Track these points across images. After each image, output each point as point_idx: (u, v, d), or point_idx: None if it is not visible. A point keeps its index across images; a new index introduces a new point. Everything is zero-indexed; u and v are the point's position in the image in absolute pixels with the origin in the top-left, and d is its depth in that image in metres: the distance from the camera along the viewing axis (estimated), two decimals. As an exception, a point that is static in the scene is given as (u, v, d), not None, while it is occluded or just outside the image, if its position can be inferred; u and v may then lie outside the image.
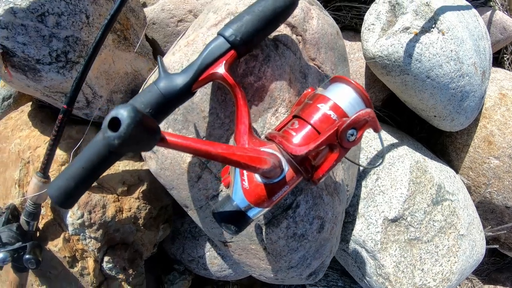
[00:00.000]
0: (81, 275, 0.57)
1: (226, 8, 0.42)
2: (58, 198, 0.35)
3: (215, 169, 0.42)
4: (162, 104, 0.33)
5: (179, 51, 0.43)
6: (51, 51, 0.48)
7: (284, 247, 0.44)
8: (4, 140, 0.66)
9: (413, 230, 0.61)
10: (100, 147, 0.33)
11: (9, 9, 0.45)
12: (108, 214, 0.54)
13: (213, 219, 0.46)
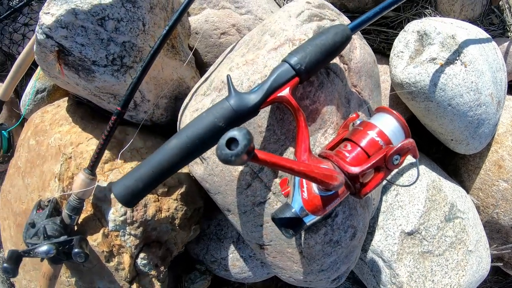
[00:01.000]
0: (116, 269, 0.63)
1: (284, 34, 0.49)
2: (124, 197, 0.41)
3: (266, 179, 0.49)
4: (233, 119, 0.40)
5: (238, 69, 0.50)
6: (108, 54, 0.54)
7: (319, 252, 0.52)
8: (42, 133, 0.71)
9: (426, 243, 0.70)
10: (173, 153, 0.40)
11: (71, 10, 0.51)
12: (149, 213, 0.61)
13: (255, 223, 0.54)
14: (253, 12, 0.72)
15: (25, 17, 0.85)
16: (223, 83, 0.51)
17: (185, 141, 0.39)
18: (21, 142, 0.77)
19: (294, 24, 0.50)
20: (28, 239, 0.56)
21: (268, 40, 0.50)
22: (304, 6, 0.53)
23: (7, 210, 0.79)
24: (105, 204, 0.60)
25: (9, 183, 0.78)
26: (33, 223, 0.55)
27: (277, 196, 0.50)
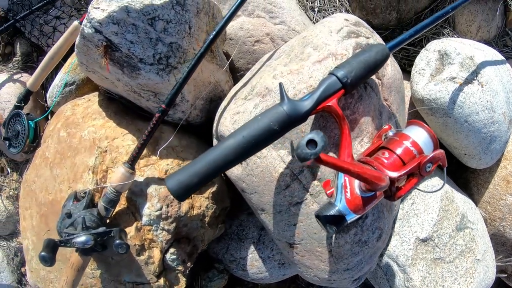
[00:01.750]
0: (146, 263, 0.67)
1: (327, 48, 0.56)
2: (178, 191, 0.46)
3: (304, 181, 0.55)
4: (286, 123, 0.47)
5: (282, 77, 0.57)
6: (155, 53, 0.59)
7: (347, 251, 0.58)
8: (74, 126, 0.76)
9: (438, 250, 0.77)
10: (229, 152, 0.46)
11: (124, 7, 0.55)
12: (182, 209, 0.66)
13: (288, 222, 0.59)
14: (286, 23, 0.79)
15: (58, 10, 0.90)
16: (267, 89, 0.57)
17: (241, 141, 0.45)
18: (49, 133, 0.81)
19: (336, 40, 0.57)
20: (64, 229, 0.60)
21: (311, 52, 0.57)
22: (343, 23, 0.61)
23: (30, 200, 0.83)
24: (141, 198, 0.65)
25: (34, 173, 0.81)
26: (70, 214, 0.59)
27: (314, 197, 0.56)
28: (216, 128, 0.65)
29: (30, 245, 0.85)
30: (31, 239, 0.84)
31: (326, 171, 0.55)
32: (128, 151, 0.66)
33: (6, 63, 1.01)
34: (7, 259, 1.09)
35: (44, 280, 0.84)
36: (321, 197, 0.56)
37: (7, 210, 1.05)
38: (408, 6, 0.89)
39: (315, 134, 0.34)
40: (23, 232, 0.87)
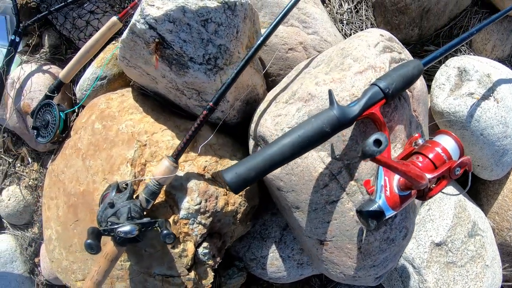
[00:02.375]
0: (180, 256, 0.72)
1: (366, 61, 0.64)
2: (235, 183, 0.52)
3: (342, 180, 0.63)
4: (336, 126, 0.54)
5: (325, 85, 0.64)
6: (205, 53, 0.65)
7: (375, 248, 0.66)
8: (110, 119, 0.81)
9: (451, 255, 0.85)
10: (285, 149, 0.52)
11: (181, 7, 0.62)
12: (219, 205, 0.72)
13: (322, 220, 0.66)
14: (319, 33, 0.87)
15: (92, 4, 0.96)
16: (310, 95, 0.64)
17: (297, 139, 0.52)
18: (81, 124, 0.86)
19: (374, 54, 0.65)
20: (106, 219, 0.63)
21: (352, 64, 0.65)
22: (379, 38, 0.69)
23: (57, 190, 0.86)
24: (180, 192, 0.70)
25: (64, 164, 0.85)
26: (113, 204, 0.63)
27: (350, 196, 0.63)
28: (255, 129, 0.72)
29: (54, 235, 0.88)
30: (55, 229, 0.87)
31: (363, 172, 0.62)
32: (168, 146, 0.72)
33: (33, 54, 1.05)
34: (21, 249, 1.12)
35: (66, 271, 0.88)
36: (356, 196, 0.63)
37: (25, 200, 1.08)
38: (430, 24, 0.99)
39: (380, 135, 0.41)
40: (46, 222, 0.91)
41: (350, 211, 0.64)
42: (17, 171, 1.08)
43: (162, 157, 0.71)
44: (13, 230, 1.12)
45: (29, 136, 1.04)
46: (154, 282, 0.75)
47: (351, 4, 0.98)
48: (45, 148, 1.05)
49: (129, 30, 0.65)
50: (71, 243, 0.83)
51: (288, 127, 0.64)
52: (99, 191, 0.74)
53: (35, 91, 0.97)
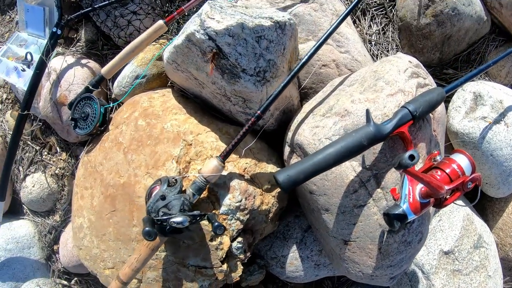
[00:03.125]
0: (216, 249, 0.87)
1: (397, 85, 0.81)
2: (286, 184, 0.68)
3: (370, 188, 0.79)
4: (372, 141, 0.70)
5: (360, 103, 0.80)
6: (256, 66, 0.81)
7: (394, 249, 0.82)
8: (155, 117, 0.95)
9: (457, 263, 1.03)
10: (330, 157, 0.69)
11: (240, 24, 0.77)
12: (256, 203, 0.87)
13: (349, 222, 0.83)
14: (350, 52, 1.04)
15: (136, 5, 1.11)
16: (346, 111, 0.81)
17: (340, 150, 0.68)
18: (123, 120, 1.00)
19: (403, 79, 0.82)
20: (157, 209, 0.75)
21: (384, 86, 0.82)
22: (408, 64, 0.86)
23: (93, 180, 1.00)
24: (223, 190, 0.85)
25: (102, 156, 1.00)
26: (164, 196, 0.75)
27: (375, 202, 0.80)
28: (292, 137, 0.88)
29: (86, 224, 1.02)
30: (87, 217, 1.01)
31: (388, 181, 0.79)
32: (212, 147, 0.87)
33: (69, 46, 1.19)
34: (39, 236, 1.25)
35: (95, 258, 1.01)
36: (381, 202, 0.80)
37: (50, 188, 1.21)
38: (450, 49, 1.17)
39: (414, 152, 0.58)
40: (78, 211, 1.04)
41: (375, 215, 0.80)
42: (44, 159, 1.22)
43: (207, 156, 0.86)
44: (33, 216, 1.25)
45: (61, 126, 1.17)
46: (187, 272, 0.89)
47: (379, 26, 1.16)
48: (76, 139, 1.19)
49: (185, 38, 0.80)
50: (105, 232, 0.96)
51: (325, 138, 0.80)
52: (141, 184, 0.89)
53: (72, 84, 1.11)
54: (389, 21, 1.17)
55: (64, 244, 1.22)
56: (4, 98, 1.28)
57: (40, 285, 1.23)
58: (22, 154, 1.22)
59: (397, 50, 1.16)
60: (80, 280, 1.26)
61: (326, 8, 1.07)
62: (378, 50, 1.13)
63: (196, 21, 0.79)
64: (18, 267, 1.24)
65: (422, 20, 1.10)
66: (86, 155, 1.06)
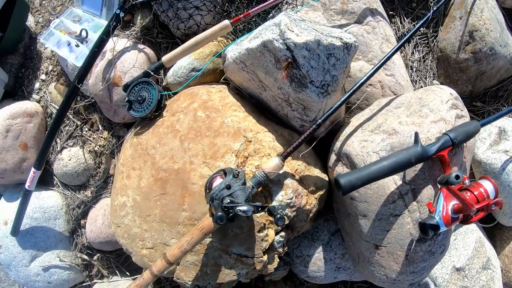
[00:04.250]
0: (262, 240, 1.06)
1: (439, 114, 1.03)
2: (346, 188, 0.88)
3: (407, 200, 1.01)
4: (418, 160, 0.92)
5: (407, 125, 1.02)
6: (323, 80, 1.01)
7: (419, 257, 1.04)
8: (214, 111, 1.13)
9: (466, 281, 1.26)
10: (383, 169, 0.90)
11: (317, 40, 0.96)
12: (302, 202, 1.08)
13: (383, 228, 1.04)
14: (395, 76, 1.26)
15: (199, 1, 1.30)
16: (394, 130, 1.03)
17: (392, 164, 0.90)
18: (181, 109, 1.17)
19: (445, 109, 1.05)
20: (221, 197, 0.89)
21: (428, 113, 1.04)
22: (449, 96, 1.09)
23: (142, 162, 1.17)
24: (276, 186, 1.04)
25: (156, 140, 1.17)
26: (229, 186, 0.90)
27: (410, 213, 1.02)
28: (340, 147, 1.09)
29: (129, 203, 1.19)
30: (132, 197, 1.18)
31: (424, 196, 1.01)
32: (270, 146, 1.07)
33: (123, 29, 1.37)
34: (67, 208, 1.41)
35: (134, 237, 1.18)
36: (415, 214, 1.01)
37: (86, 163, 1.38)
38: (482, 83, 1.42)
39: (460, 173, 0.80)
40: (122, 189, 1.21)
41: (408, 225, 1.02)
42: (84, 134, 1.38)
43: (264, 154, 1.05)
44: (63, 189, 1.41)
45: (108, 105, 1.35)
46: (228, 260, 1.07)
47: (421, 54, 1.39)
48: (122, 120, 1.36)
49: (261, 44, 0.99)
50: (150, 213, 1.13)
51: (373, 151, 1.02)
52: (196, 172, 1.06)
53: (129, 67, 1.29)
54: (429, 50, 1.40)
55: (93, 220, 1.38)
56: (50, 69, 1.44)
57: (60, 257, 1.39)
58: (62, 127, 1.38)
59: (433, 78, 1.39)
60: (102, 257, 1.42)
61: (377, 31, 1.29)
62: (417, 76, 1.36)
63: (275, 30, 0.98)
64: (41, 237, 1.40)
65: (461, 55, 1.34)
66: (136, 137, 1.23)
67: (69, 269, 1.43)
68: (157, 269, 1.00)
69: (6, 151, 1.37)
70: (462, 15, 1.35)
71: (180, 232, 1.09)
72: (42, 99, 1.44)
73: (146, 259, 1.17)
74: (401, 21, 1.38)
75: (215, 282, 1.12)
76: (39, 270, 1.39)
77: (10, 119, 1.37)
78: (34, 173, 1.30)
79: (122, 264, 1.46)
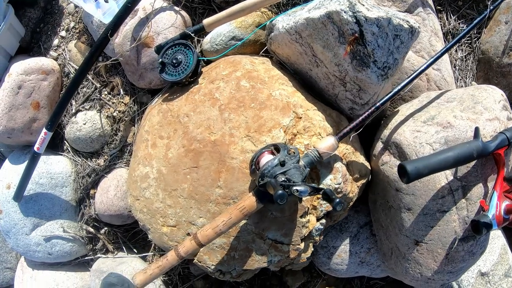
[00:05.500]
0: (303, 226, 0.99)
1: (494, 113, 1.01)
2: (412, 175, 0.84)
3: (457, 196, 0.98)
4: (479, 154, 0.88)
5: (462, 120, 0.99)
6: (385, 61, 0.94)
7: (460, 257, 1.02)
8: (260, 82, 1.05)
9: (489, 286, 1.26)
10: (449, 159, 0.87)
11: (388, 18, 0.90)
12: (347, 188, 1.03)
13: (427, 224, 1.01)
14: (441, 71, 1.24)
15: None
16: (449, 123, 0.99)
17: (457, 156, 0.86)
18: (222, 77, 1.08)
19: (498, 108, 1.03)
20: (273, 175, 0.81)
21: (483, 111, 1.01)
22: (501, 97, 1.07)
23: (172, 131, 1.09)
24: (325, 170, 0.98)
25: (190, 108, 1.07)
26: (284, 162, 0.82)
27: (458, 210, 0.99)
28: (389, 135, 1.05)
29: (153, 174, 1.10)
30: (157, 168, 1.09)
31: (473, 194, 0.98)
32: (320, 125, 1.00)
33: (160, -11, 1.27)
34: (76, 176, 1.30)
35: (154, 213, 1.09)
36: (462, 212, 0.99)
37: (102, 129, 1.27)
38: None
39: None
40: (145, 159, 1.12)
41: (454, 222, 0.99)
42: (103, 98, 1.28)
43: (314, 133, 0.99)
44: (74, 155, 1.30)
45: (134, 68, 1.25)
46: (261, 245, 1.00)
47: (464, 53, 1.38)
48: (148, 85, 1.26)
49: (325, 14, 0.92)
50: (177, 187, 1.04)
51: (426, 143, 0.98)
52: (237, 146, 0.98)
53: (162, 27, 1.19)
54: (471, 51, 1.39)
55: (105, 191, 1.28)
56: (71, 26, 1.32)
57: (64, 227, 1.28)
58: (79, 89, 1.27)
59: (472, 79, 1.38)
60: (109, 231, 1.33)
61: (427, 24, 1.26)
62: (459, 75, 1.35)
63: (343, 1, 0.91)
64: (46, 204, 1.28)
65: (505, 59, 1.33)
66: (166, 103, 1.14)
67: (72, 241, 1.32)
68: (185, 250, 0.91)
69: (16, 109, 1.24)
70: (508, 20, 1.34)
71: (210, 211, 1.01)
72: (60, 57, 1.32)
73: (165, 238, 1.09)
74: (447, 18, 1.35)
75: (241, 269, 1.05)
76: (40, 240, 1.28)
77: (23, 74, 1.25)
78: (45, 134, 1.19)
79: (129, 240, 1.36)
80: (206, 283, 1.35)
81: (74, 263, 1.42)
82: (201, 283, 1.36)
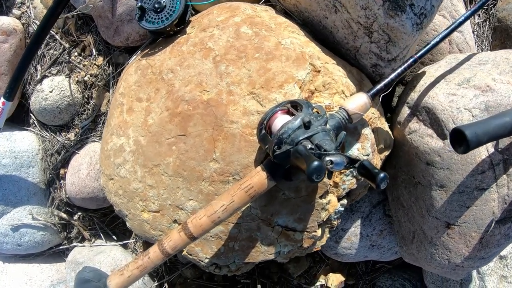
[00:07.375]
0: (323, 208, 0.73)
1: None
2: (472, 142, 0.59)
3: (498, 172, 0.75)
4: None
5: (502, 83, 0.75)
6: (423, 7, 0.71)
7: (495, 241, 0.79)
8: (266, 29, 0.77)
9: (506, 270, 1.05)
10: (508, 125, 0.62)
11: None
12: (374, 162, 0.77)
13: (463, 203, 0.77)
14: (464, 34, 1.00)
15: None
16: (488, 87, 0.74)
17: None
18: (216, 23, 0.78)
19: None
20: (295, 141, 0.56)
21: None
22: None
23: (153, 91, 0.78)
24: (351, 137, 0.72)
25: (176, 61, 0.77)
26: (309, 124, 0.56)
27: (498, 188, 0.75)
28: (418, 99, 0.80)
29: (130, 146, 0.80)
30: (134, 138, 0.79)
31: (518, 170, 0.75)
32: (342, 82, 0.73)
33: None
34: (44, 154, 0.98)
35: (132, 195, 0.80)
36: (503, 189, 0.75)
37: (72, 97, 0.96)
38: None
39: None
40: (120, 128, 0.82)
41: (493, 202, 0.76)
42: (72, 60, 0.96)
43: (336, 91, 0.72)
44: (41, 129, 0.98)
45: (109, 21, 0.93)
46: (268, 233, 0.74)
47: (480, 19, 1.14)
48: (124, 41, 0.95)
49: None
50: (160, 162, 0.75)
51: (464, 108, 0.74)
52: (238, 106, 0.70)
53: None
54: (487, 17, 1.15)
55: (76, 170, 0.98)
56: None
57: (33, 214, 0.98)
58: (45, 51, 0.95)
59: (488, 48, 1.15)
60: (84, 216, 1.03)
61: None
62: (476, 42, 1.11)
63: None
64: (11, 188, 0.98)
65: (525, 25, 1.10)
66: (145, 58, 0.84)
67: (43, 229, 1.02)
68: (172, 245, 0.63)
69: (-31, 75, 0.91)
70: (527, -17, 1.11)
71: (203, 192, 0.73)
72: (24, 16, 0.99)
73: (147, 226, 0.81)
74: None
75: (241, 262, 0.78)
76: (7, 230, 0.99)
77: (-21, 35, 0.91)
78: (3, 104, 0.88)
79: (107, 226, 1.07)
80: (196, 271, 1.08)
81: (47, 254, 1.13)
82: (191, 272, 1.08)
